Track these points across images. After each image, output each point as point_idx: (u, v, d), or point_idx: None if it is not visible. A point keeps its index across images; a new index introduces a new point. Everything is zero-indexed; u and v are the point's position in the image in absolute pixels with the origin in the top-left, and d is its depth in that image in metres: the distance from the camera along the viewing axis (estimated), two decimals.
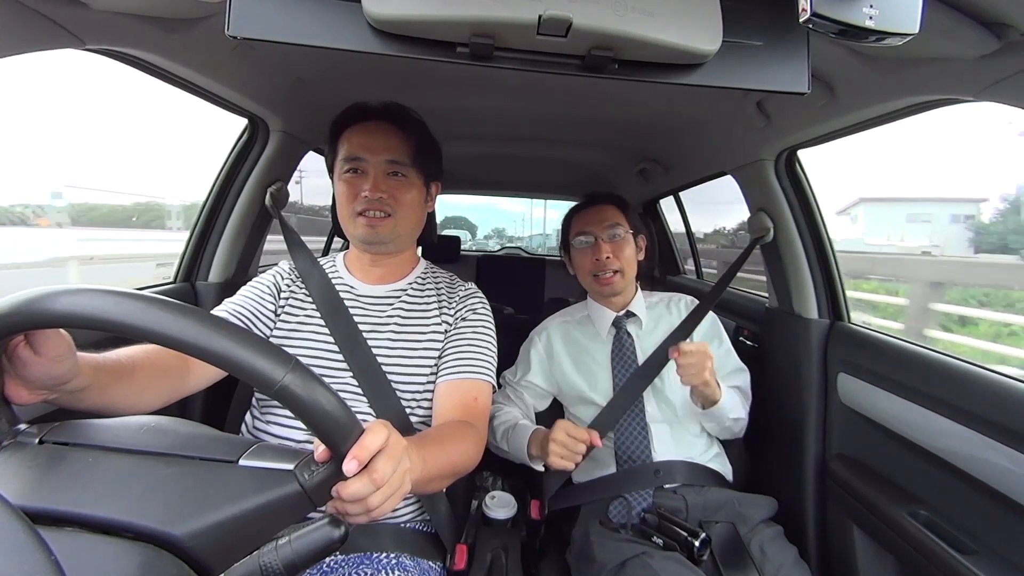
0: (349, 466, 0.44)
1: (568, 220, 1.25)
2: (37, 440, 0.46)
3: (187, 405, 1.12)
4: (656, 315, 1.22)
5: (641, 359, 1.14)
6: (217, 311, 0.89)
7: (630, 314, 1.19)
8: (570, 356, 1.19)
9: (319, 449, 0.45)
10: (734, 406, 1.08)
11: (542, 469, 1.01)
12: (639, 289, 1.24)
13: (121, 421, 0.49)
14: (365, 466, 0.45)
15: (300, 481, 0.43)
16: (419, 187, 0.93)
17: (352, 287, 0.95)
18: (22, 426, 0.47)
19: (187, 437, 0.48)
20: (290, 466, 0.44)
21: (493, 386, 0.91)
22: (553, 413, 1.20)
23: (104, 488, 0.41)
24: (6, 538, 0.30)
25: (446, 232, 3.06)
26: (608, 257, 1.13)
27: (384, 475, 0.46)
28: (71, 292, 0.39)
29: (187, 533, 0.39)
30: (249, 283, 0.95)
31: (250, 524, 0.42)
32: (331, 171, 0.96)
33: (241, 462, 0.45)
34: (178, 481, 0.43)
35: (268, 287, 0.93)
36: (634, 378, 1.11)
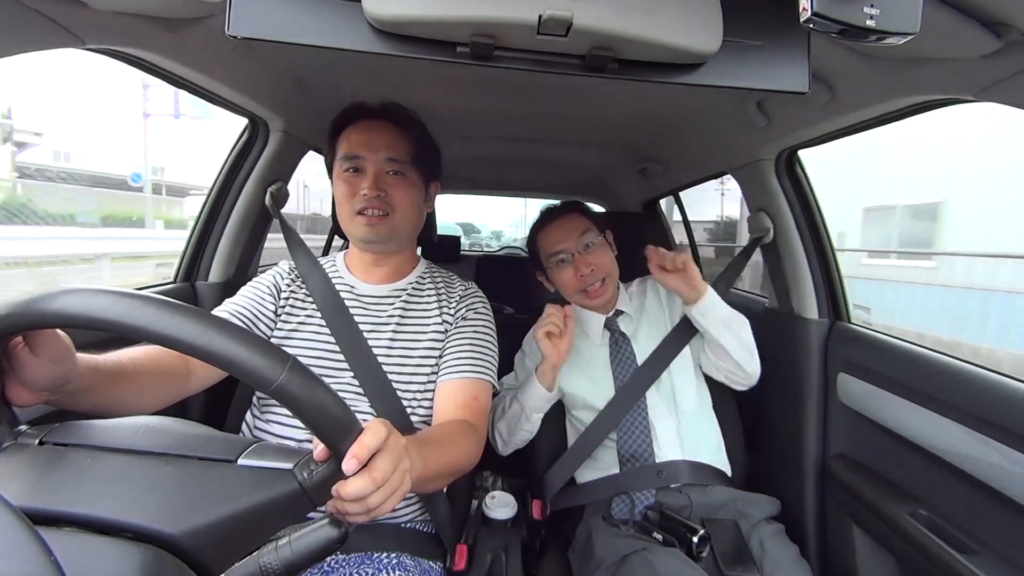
0: (349, 465, 0.43)
1: (534, 240, 1.21)
2: (37, 441, 0.46)
3: (187, 405, 1.11)
4: (639, 303, 1.22)
5: (640, 357, 1.14)
6: (218, 311, 0.88)
7: (619, 312, 1.19)
8: (568, 363, 1.17)
9: (318, 448, 0.45)
10: (721, 303, 1.06)
11: (554, 393, 1.06)
12: (620, 284, 1.24)
13: (120, 422, 0.49)
14: (365, 465, 0.45)
15: (299, 480, 0.43)
16: (418, 187, 0.93)
17: (352, 286, 0.95)
18: (23, 428, 0.47)
19: (186, 437, 0.48)
20: (289, 465, 0.44)
21: (493, 385, 0.91)
22: (554, 419, 1.19)
23: (101, 488, 0.41)
24: (6, 538, 0.30)
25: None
26: (592, 270, 1.12)
27: (384, 474, 0.46)
28: (66, 292, 0.39)
29: (183, 532, 0.39)
30: (249, 284, 0.95)
31: (249, 523, 0.42)
32: (330, 171, 0.96)
33: (240, 461, 0.45)
34: (176, 480, 0.43)
35: (268, 288, 0.93)
36: (635, 378, 1.11)
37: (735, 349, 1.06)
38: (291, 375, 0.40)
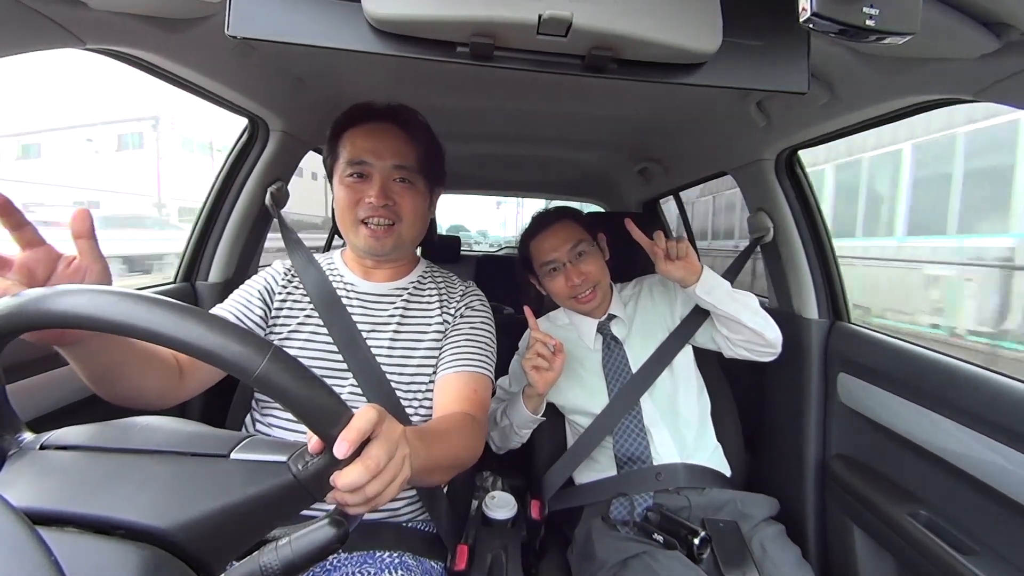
0: (340, 448, 0.42)
1: (526, 246, 1.20)
2: (39, 446, 0.46)
3: (187, 406, 1.11)
4: (633, 306, 1.22)
5: (632, 362, 1.14)
6: None
7: (611, 316, 1.19)
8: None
9: (312, 440, 0.44)
10: (721, 278, 1.05)
11: (539, 417, 1.03)
12: (612, 286, 1.23)
13: (118, 423, 0.50)
14: (359, 454, 0.44)
15: (293, 472, 0.43)
16: (424, 194, 0.91)
17: (352, 284, 0.94)
18: (25, 436, 0.48)
19: (179, 434, 0.48)
20: (283, 458, 0.44)
21: (491, 380, 0.90)
22: (553, 418, 1.19)
23: (95, 487, 0.41)
24: (7, 539, 0.30)
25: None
26: (583, 279, 1.12)
27: (378, 461, 0.45)
28: (54, 293, 0.39)
29: (175, 526, 0.39)
30: (239, 288, 0.93)
31: (245, 517, 0.41)
32: (330, 173, 0.93)
33: (233, 455, 0.45)
34: (169, 476, 0.43)
35: (259, 291, 0.91)
36: (629, 385, 1.11)
37: (749, 317, 1.03)
38: (272, 363, 0.39)
